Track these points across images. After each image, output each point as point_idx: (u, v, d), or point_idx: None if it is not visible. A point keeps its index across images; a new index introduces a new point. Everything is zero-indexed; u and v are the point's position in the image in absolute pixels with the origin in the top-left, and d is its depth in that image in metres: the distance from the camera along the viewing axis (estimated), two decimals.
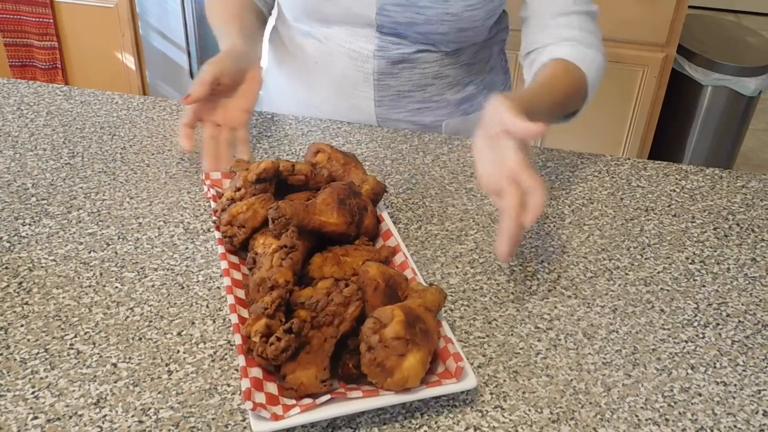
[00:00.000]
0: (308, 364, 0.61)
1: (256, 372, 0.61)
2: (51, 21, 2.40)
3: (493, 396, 0.65)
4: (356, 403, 0.60)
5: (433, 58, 1.03)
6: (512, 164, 0.72)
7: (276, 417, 0.58)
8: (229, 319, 0.71)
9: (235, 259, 0.75)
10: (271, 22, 1.18)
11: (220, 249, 0.75)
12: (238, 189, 0.79)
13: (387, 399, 0.61)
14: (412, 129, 1.08)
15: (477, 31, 1.01)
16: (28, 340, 0.68)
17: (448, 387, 0.61)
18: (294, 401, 0.60)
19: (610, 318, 0.74)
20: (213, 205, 0.82)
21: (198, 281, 0.76)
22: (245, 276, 0.73)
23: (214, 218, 0.79)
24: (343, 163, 0.83)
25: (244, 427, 0.61)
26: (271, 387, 0.61)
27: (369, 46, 1.01)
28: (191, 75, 2.39)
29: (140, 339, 0.69)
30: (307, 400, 0.60)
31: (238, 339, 0.63)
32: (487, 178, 0.75)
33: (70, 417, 0.61)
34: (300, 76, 1.11)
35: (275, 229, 0.71)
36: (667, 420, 0.63)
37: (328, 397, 0.59)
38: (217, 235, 0.77)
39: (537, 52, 0.99)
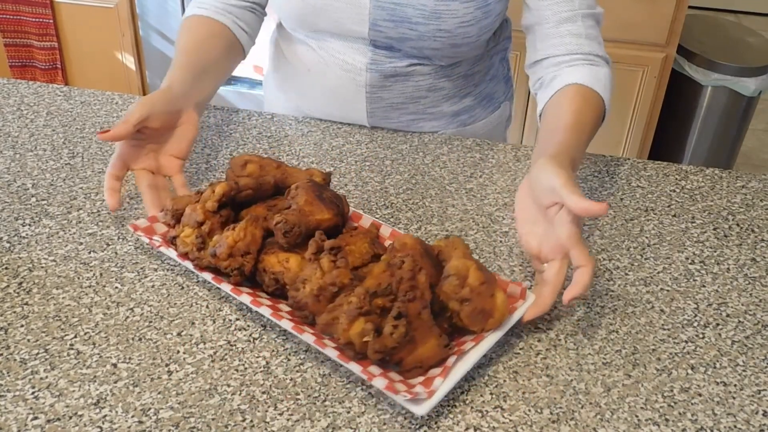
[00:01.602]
0: (424, 339, 0.63)
1: (375, 369, 0.63)
2: (51, 21, 2.40)
3: (493, 396, 0.65)
4: (475, 351, 0.65)
5: (427, 71, 1.01)
6: (565, 239, 0.71)
7: (431, 392, 0.60)
8: (226, 320, 0.71)
9: (247, 289, 0.72)
10: (272, 23, 1.18)
11: (226, 288, 0.70)
12: (201, 223, 0.74)
13: (494, 337, 0.66)
14: None
15: (471, 46, 0.98)
16: (28, 340, 0.68)
17: (524, 306, 0.69)
18: (421, 378, 0.63)
19: (610, 318, 0.74)
20: (168, 252, 0.75)
21: (198, 281, 0.76)
22: (274, 300, 0.71)
23: (187, 263, 0.73)
24: (277, 167, 0.81)
25: (244, 428, 0.61)
26: (393, 376, 0.63)
27: (362, 59, 0.99)
28: None
29: (140, 339, 0.69)
30: (432, 371, 0.63)
31: (331, 353, 0.63)
32: (530, 241, 0.75)
33: (70, 417, 0.61)
34: (294, 82, 1.10)
35: (290, 241, 0.70)
36: (667, 420, 0.64)
37: (454, 357, 0.63)
38: (207, 276, 0.72)
39: (548, 68, 0.94)
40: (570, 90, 0.89)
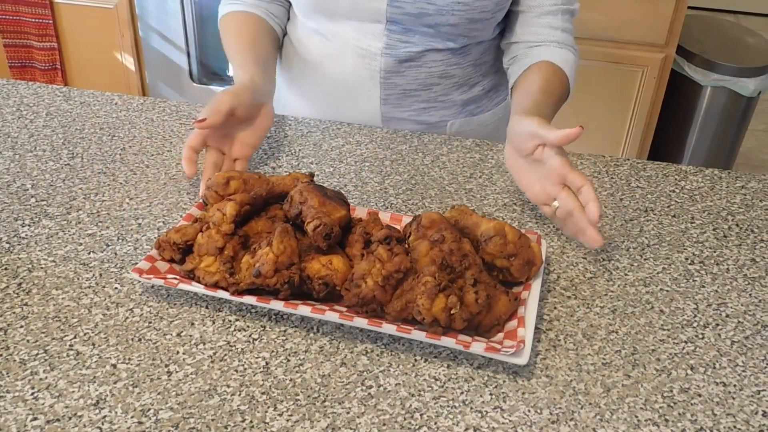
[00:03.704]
0: (496, 298, 0.69)
1: (467, 338, 0.67)
2: (50, 22, 2.40)
3: (493, 396, 0.65)
4: (532, 297, 0.71)
5: (440, 57, 1.03)
6: (558, 169, 0.80)
7: (521, 341, 0.66)
8: (226, 321, 0.71)
9: (298, 302, 0.70)
10: None
11: (278, 305, 0.69)
12: (222, 248, 0.72)
13: (539, 282, 0.74)
14: (417, 128, 1.09)
15: (486, 23, 1.01)
16: (28, 341, 0.68)
17: (544, 248, 0.77)
18: (501, 334, 0.69)
19: (609, 318, 0.74)
20: (192, 288, 0.71)
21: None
22: (329, 305, 0.71)
23: (220, 293, 0.70)
24: (258, 178, 0.80)
25: (244, 428, 0.61)
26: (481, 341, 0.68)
27: (377, 43, 1.01)
28: (191, 76, 2.39)
29: (140, 340, 0.69)
30: (507, 326, 0.69)
31: (418, 336, 0.66)
32: (535, 190, 0.85)
33: (70, 418, 0.61)
34: (305, 74, 1.11)
35: (332, 243, 0.71)
36: (666, 420, 0.63)
37: (523, 307, 0.70)
38: (250, 300, 0.69)
39: (523, 49, 1.03)
40: (540, 64, 1.00)
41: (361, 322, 0.67)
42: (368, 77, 1.04)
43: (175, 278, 0.71)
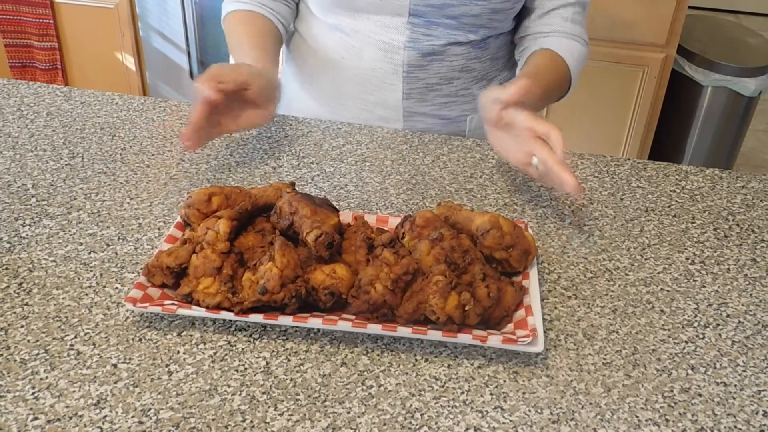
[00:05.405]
0: (503, 290, 0.70)
1: (482, 332, 0.68)
2: (51, 22, 2.40)
3: (493, 396, 0.65)
4: (533, 285, 0.72)
5: (461, 50, 1.05)
6: (524, 123, 0.83)
7: (533, 329, 0.66)
8: (226, 321, 0.71)
9: (305, 314, 0.69)
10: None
11: (287, 321, 0.67)
12: (220, 268, 0.69)
13: (535, 270, 0.74)
14: (438, 123, 1.10)
15: (507, 14, 1.03)
16: (29, 340, 0.68)
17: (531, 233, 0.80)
18: (511, 325, 0.70)
19: (610, 318, 0.74)
20: (193, 312, 0.68)
21: None
22: (337, 314, 0.70)
23: (224, 314, 0.68)
24: (239, 191, 0.79)
25: (244, 428, 0.61)
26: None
27: (400, 37, 1.02)
28: (191, 76, 2.39)
29: (140, 340, 0.69)
30: (518, 315, 0.70)
31: (435, 336, 0.67)
32: (515, 153, 0.87)
33: (70, 418, 0.61)
34: (324, 72, 1.11)
35: (334, 252, 0.70)
36: (667, 420, 0.63)
37: (527, 296, 0.71)
38: (256, 318, 0.67)
39: (531, 41, 1.06)
40: (539, 50, 1.03)
41: (375, 328, 0.67)
42: (391, 71, 1.05)
43: (173, 304, 0.69)
